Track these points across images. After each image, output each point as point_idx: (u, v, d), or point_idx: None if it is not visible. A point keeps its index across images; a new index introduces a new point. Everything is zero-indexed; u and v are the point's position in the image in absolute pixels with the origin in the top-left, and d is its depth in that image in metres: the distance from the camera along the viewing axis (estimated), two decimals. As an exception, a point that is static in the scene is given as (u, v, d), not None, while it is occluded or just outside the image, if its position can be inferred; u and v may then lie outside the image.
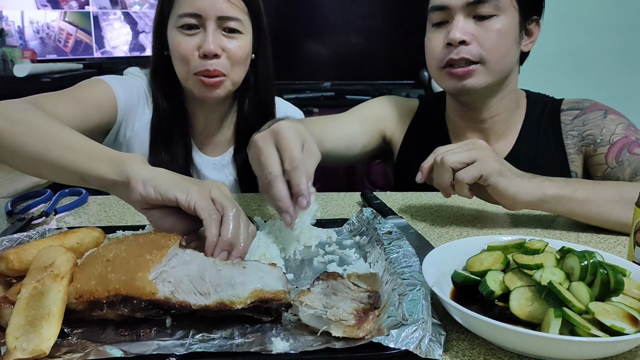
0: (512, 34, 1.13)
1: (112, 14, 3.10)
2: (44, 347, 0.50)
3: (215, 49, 1.16)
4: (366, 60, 2.82)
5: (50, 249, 0.58)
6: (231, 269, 0.62)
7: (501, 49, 1.12)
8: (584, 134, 1.18)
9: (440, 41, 1.14)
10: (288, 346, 0.54)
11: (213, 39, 1.16)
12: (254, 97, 1.32)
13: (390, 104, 1.37)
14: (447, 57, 1.13)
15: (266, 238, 0.82)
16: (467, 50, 1.11)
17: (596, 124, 1.17)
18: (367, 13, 2.79)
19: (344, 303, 0.58)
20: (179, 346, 0.55)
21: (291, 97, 2.54)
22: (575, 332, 0.54)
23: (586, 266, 0.60)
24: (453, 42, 1.11)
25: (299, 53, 2.84)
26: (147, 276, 0.57)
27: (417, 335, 0.53)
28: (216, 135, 1.35)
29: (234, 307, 0.57)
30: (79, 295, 0.56)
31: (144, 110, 1.28)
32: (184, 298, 0.58)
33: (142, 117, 1.28)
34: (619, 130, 1.15)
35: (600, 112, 1.19)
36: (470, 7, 1.10)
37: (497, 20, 1.11)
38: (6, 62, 2.69)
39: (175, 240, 0.64)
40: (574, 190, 0.91)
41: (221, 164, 1.35)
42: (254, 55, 1.28)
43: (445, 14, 1.13)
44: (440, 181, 0.92)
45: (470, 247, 0.73)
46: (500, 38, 1.12)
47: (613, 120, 1.17)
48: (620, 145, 1.13)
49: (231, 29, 1.19)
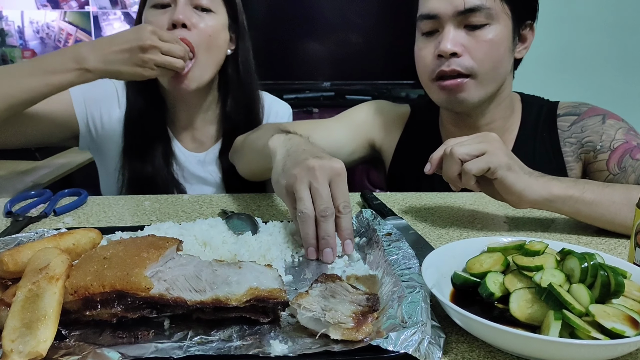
0: (505, 42, 1.10)
1: (112, 14, 3.10)
2: (40, 350, 0.49)
3: (184, 18, 1.17)
4: (366, 60, 2.82)
5: (46, 251, 0.58)
6: (227, 268, 0.62)
7: (494, 59, 1.09)
8: (583, 140, 1.16)
9: (430, 51, 1.11)
10: (287, 349, 0.54)
11: (182, 9, 1.18)
12: (237, 96, 1.32)
13: (378, 111, 1.33)
14: (438, 69, 1.09)
15: (266, 239, 0.82)
16: (458, 63, 1.07)
17: (595, 130, 1.15)
18: (366, 13, 2.79)
19: (342, 305, 0.58)
20: (177, 349, 0.54)
21: (291, 97, 2.54)
22: (576, 335, 0.54)
23: (586, 268, 0.60)
24: (444, 54, 1.07)
25: (299, 53, 2.84)
26: (143, 272, 0.57)
27: (416, 338, 0.53)
28: (198, 131, 1.35)
29: (229, 304, 0.57)
30: (74, 290, 0.55)
31: (111, 109, 1.30)
32: (179, 294, 0.57)
33: (111, 116, 1.30)
34: (619, 135, 1.13)
35: (599, 117, 1.17)
36: (461, 16, 1.06)
37: (490, 29, 1.07)
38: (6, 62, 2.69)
39: (173, 243, 0.64)
40: (582, 191, 0.89)
41: (204, 160, 1.35)
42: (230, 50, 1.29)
43: (435, 23, 1.09)
44: (449, 173, 0.90)
45: (470, 248, 0.72)
46: (492, 48, 1.08)
47: (612, 125, 1.15)
48: (621, 151, 1.11)
49: (203, 7, 1.20)
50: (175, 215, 1.03)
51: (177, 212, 1.05)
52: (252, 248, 0.78)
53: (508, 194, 0.90)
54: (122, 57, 1.06)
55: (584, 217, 0.91)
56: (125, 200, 1.14)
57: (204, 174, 1.35)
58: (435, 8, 1.08)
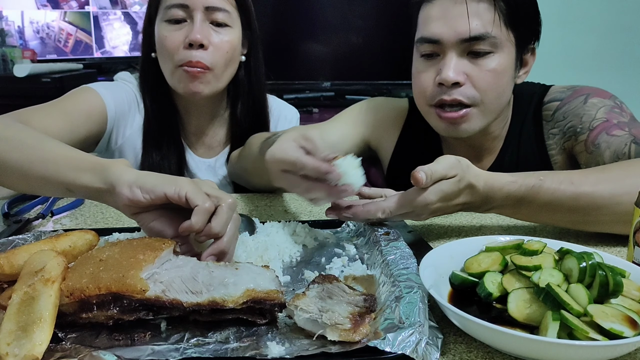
0: (508, 71, 1.05)
1: (112, 14, 3.10)
2: (36, 352, 0.49)
3: (201, 38, 1.14)
4: (366, 60, 2.81)
5: (42, 254, 0.58)
6: (224, 270, 0.62)
7: (497, 89, 1.04)
8: (565, 128, 1.11)
9: (430, 77, 1.06)
10: (284, 350, 0.54)
11: (200, 28, 1.15)
12: (246, 101, 1.31)
13: (373, 110, 1.29)
14: (438, 97, 1.04)
15: (264, 239, 0.82)
16: (461, 92, 1.02)
17: (576, 113, 1.09)
18: (366, 13, 2.78)
19: (339, 307, 0.57)
20: (174, 351, 0.54)
21: (291, 97, 2.54)
22: (574, 335, 0.53)
23: (585, 268, 0.60)
24: (445, 83, 1.02)
25: (299, 53, 2.83)
26: (138, 274, 0.57)
27: (413, 339, 0.52)
28: (208, 136, 1.34)
29: (226, 306, 0.57)
30: (69, 292, 0.55)
31: (134, 116, 1.27)
32: (175, 296, 0.57)
33: (133, 123, 1.27)
34: (600, 114, 1.06)
35: (582, 97, 1.10)
36: (465, 43, 1.01)
37: (493, 58, 1.02)
38: (6, 62, 2.69)
39: (170, 245, 0.64)
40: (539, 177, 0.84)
41: (214, 165, 1.34)
42: (244, 57, 1.27)
43: (436, 47, 1.04)
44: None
45: (468, 248, 0.72)
46: (496, 78, 1.03)
47: (595, 104, 1.08)
48: (599, 130, 1.04)
49: (219, 22, 1.18)
50: (174, 216, 1.03)
51: (176, 212, 1.05)
52: (249, 248, 0.78)
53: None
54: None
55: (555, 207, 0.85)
56: (124, 201, 1.13)
57: (212, 179, 1.34)
58: (438, 34, 1.03)
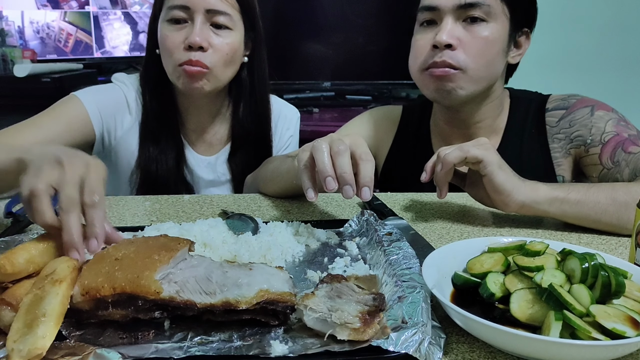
0: (499, 43, 1.11)
1: (112, 14, 3.10)
2: (39, 345, 0.49)
3: (200, 41, 1.15)
4: (366, 60, 2.82)
5: (56, 261, 0.59)
6: (238, 270, 0.62)
7: (487, 57, 1.10)
8: (572, 135, 1.15)
9: (427, 42, 1.12)
10: (287, 349, 0.54)
11: (200, 30, 1.16)
12: (249, 101, 1.31)
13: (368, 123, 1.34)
14: (430, 60, 1.11)
15: (267, 239, 0.82)
16: (451, 55, 1.08)
17: (584, 124, 1.14)
18: (366, 13, 2.79)
19: (348, 306, 0.57)
20: (177, 349, 0.54)
21: (291, 97, 2.54)
22: (576, 335, 0.54)
23: (587, 268, 0.60)
24: (439, 45, 1.08)
25: (299, 53, 2.84)
26: (153, 275, 0.58)
27: (416, 338, 0.53)
28: (209, 134, 1.35)
29: (239, 307, 0.57)
30: (85, 291, 0.56)
31: (123, 117, 1.28)
32: (189, 297, 0.58)
33: (123, 124, 1.28)
34: (609, 127, 1.11)
35: (587, 109, 1.15)
36: (461, 10, 1.08)
37: (487, 26, 1.09)
38: (6, 62, 2.69)
39: (185, 245, 0.64)
40: (567, 192, 0.91)
41: (215, 163, 1.35)
42: (247, 58, 1.27)
43: (435, 14, 1.11)
44: (439, 176, 0.92)
45: (471, 248, 0.72)
46: (487, 45, 1.10)
47: (601, 117, 1.13)
48: (613, 144, 1.10)
49: (219, 24, 1.18)
50: (176, 216, 1.03)
51: (178, 212, 1.05)
52: (252, 248, 0.78)
53: (496, 193, 0.91)
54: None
55: (571, 217, 0.93)
56: (126, 200, 1.13)
57: (213, 177, 1.34)
58: (436, 1, 1.10)
